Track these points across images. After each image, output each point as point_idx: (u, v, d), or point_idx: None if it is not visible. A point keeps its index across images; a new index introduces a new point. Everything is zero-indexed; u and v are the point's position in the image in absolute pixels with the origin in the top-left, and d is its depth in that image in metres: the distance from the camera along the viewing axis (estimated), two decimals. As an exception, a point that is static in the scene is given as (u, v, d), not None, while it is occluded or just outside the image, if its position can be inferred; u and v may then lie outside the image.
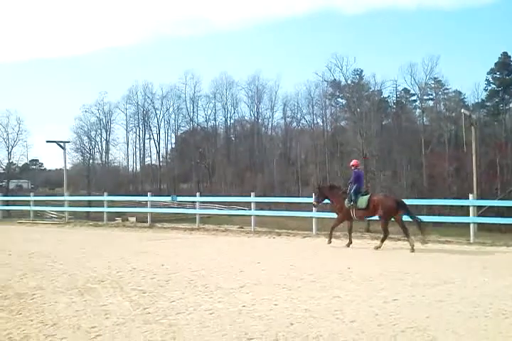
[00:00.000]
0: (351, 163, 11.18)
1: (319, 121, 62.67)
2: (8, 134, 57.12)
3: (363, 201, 10.28)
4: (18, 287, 6.62)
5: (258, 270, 7.74)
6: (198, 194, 17.08)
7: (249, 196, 14.97)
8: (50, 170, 77.17)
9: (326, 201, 11.33)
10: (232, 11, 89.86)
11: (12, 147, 57.37)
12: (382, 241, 10.21)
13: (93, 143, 64.23)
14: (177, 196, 20.80)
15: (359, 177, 10.87)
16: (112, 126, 66.19)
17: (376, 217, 10.51)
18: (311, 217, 13.36)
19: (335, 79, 56.94)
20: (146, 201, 17.66)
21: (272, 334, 4.37)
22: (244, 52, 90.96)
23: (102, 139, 65.36)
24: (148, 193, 17.62)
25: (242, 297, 5.85)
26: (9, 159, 58.68)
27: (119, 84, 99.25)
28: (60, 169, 75.82)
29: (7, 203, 23.52)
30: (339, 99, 60.81)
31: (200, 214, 16.12)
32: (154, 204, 21.02)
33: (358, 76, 59.43)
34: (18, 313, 5.29)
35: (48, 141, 25.77)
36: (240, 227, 15.17)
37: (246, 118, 68.16)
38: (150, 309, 5.35)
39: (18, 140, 57.52)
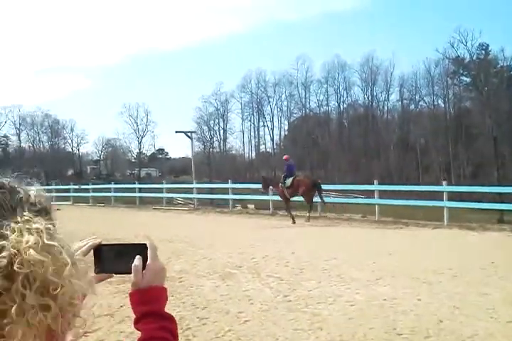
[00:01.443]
0: (283, 158, 16.24)
1: (440, 102, 58.53)
2: (137, 126, 62.39)
3: (288, 181, 14.20)
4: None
5: (391, 261, 7.54)
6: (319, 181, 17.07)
7: (372, 184, 14.62)
8: (174, 159, 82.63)
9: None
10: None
11: (142, 137, 62.60)
12: (309, 212, 13.92)
13: (212, 132, 67.36)
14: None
15: (289, 167, 14.83)
16: (228, 115, 68.71)
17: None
18: (442, 207, 12.65)
19: (458, 56, 52.79)
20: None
21: (422, 330, 4.24)
22: (357, 32, 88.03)
23: (220, 128, 68.24)
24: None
25: (381, 289, 5.74)
26: (139, 149, 64.11)
27: (234, 73, 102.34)
28: (183, 157, 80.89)
29: (139, 190, 25.56)
30: (463, 78, 56.28)
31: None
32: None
33: (483, 51, 54.36)
34: (171, 295, 5.72)
35: (177, 131, 27.46)
36: (363, 216, 14.90)
37: (359, 102, 66.28)
38: (290, 297, 5.50)
39: (146, 131, 62.60)
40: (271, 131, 69.14)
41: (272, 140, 69.81)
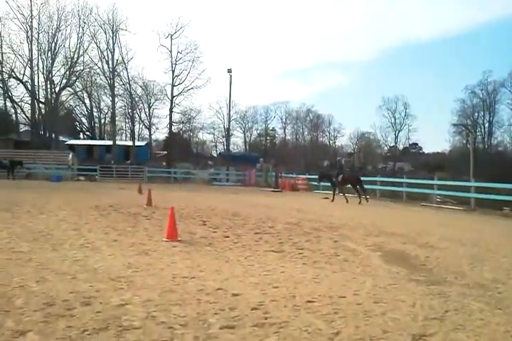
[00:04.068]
0: (337, 159, 26.54)
1: None
2: (395, 119, 61.72)
3: (340, 177, 20.10)
4: (474, 276, 6.51)
5: None
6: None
7: None
8: (427, 154, 78.69)
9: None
10: None
11: (398, 131, 61.76)
12: (360, 197, 19.45)
13: (475, 125, 61.52)
14: None
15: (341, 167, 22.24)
16: (496, 106, 61.58)
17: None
18: None
19: None
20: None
21: None
22: None
23: (485, 121, 61.75)
24: None
25: None
26: (396, 142, 63.48)
27: (506, 60, 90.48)
28: (438, 152, 76.39)
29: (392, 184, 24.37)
30: None
31: None
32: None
33: None
34: (497, 308, 5.09)
35: (454, 124, 25.66)
36: None
37: None
38: None
39: (404, 124, 61.49)
40: (551, 124, 58.97)
41: (553, 134, 59.46)
